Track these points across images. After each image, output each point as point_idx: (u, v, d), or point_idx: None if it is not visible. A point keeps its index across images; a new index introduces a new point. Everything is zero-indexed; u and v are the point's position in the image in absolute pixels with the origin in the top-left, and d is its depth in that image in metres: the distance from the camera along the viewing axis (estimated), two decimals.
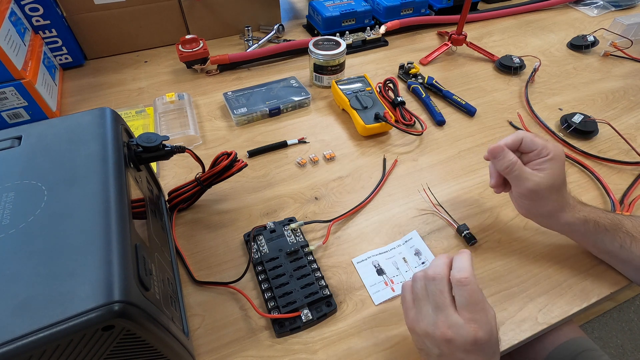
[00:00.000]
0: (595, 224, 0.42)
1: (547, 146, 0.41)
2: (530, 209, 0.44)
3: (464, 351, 0.32)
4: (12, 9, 0.65)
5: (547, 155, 0.41)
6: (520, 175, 0.42)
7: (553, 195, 0.42)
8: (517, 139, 0.42)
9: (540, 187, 0.41)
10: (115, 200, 0.30)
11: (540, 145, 0.41)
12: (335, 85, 0.69)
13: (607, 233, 0.42)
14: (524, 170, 0.42)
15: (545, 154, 0.41)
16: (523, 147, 0.42)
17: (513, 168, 0.42)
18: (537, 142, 0.42)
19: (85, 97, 0.73)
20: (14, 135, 0.35)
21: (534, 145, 0.42)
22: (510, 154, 0.43)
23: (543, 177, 0.41)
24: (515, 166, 0.42)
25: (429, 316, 0.33)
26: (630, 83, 0.77)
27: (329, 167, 0.59)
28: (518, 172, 0.42)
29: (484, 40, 0.90)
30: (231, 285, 0.44)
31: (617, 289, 0.45)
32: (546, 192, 0.42)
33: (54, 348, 0.24)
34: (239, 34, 0.90)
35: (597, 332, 1.18)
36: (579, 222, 0.43)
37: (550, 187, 0.41)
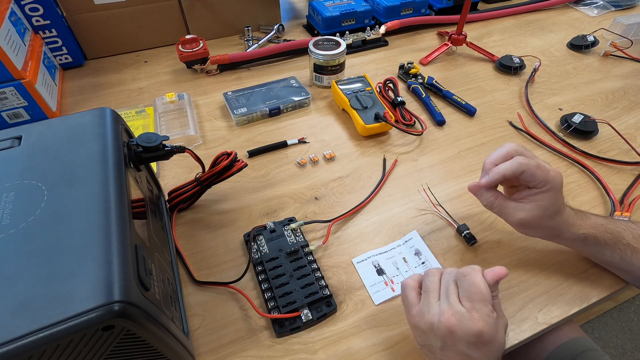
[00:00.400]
0: (594, 239, 0.41)
1: (545, 179, 0.39)
2: (530, 234, 0.44)
3: (466, 343, 0.32)
4: (12, 9, 0.65)
5: (542, 188, 0.40)
6: (501, 212, 0.42)
7: (545, 224, 0.41)
8: (517, 170, 0.39)
9: (527, 221, 0.41)
10: (115, 200, 0.30)
11: (539, 179, 0.39)
12: (335, 85, 0.69)
13: (607, 247, 0.42)
14: (506, 206, 0.42)
15: (541, 186, 0.40)
16: (522, 178, 0.40)
17: (493, 205, 0.42)
18: (537, 175, 0.39)
19: (85, 97, 0.73)
20: (14, 135, 0.35)
21: (533, 179, 0.39)
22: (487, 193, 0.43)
23: (530, 210, 0.40)
24: (494, 203, 0.42)
25: (435, 307, 0.34)
26: (630, 83, 0.77)
27: (329, 167, 0.59)
28: (499, 209, 0.42)
29: (484, 40, 0.90)
30: (231, 285, 0.44)
31: (617, 289, 0.45)
32: (535, 224, 0.41)
33: (54, 348, 0.24)
34: (239, 34, 0.90)
35: (597, 332, 1.18)
36: (578, 240, 0.42)
37: (539, 217, 0.40)
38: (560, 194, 0.40)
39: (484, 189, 0.43)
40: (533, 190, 0.40)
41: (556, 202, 0.40)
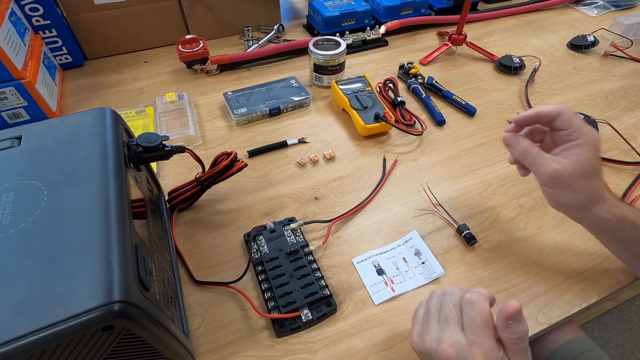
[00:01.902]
0: (633, 224, 0.38)
1: (580, 129, 0.37)
2: (556, 198, 0.40)
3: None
4: (12, 9, 0.65)
5: (576, 139, 0.37)
6: (535, 162, 0.39)
7: (580, 183, 0.37)
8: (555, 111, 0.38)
9: (561, 174, 0.37)
10: (115, 200, 0.30)
11: (574, 125, 0.37)
12: (335, 85, 0.69)
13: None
14: (541, 156, 0.39)
15: (575, 137, 0.37)
16: (557, 123, 0.38)
17: (527, 154, 0.39)
18: (574, 122, 0.37)
19: (85, 97, 0.73)
20: (14, 135, 0.35)
21: (569, 125, 0.37)
22: (523, 141, 0.40)
23: (565, 164, 0.37)
24: (529, 152, 0.39)
25: (435, 331, 0.32)
26: (630, 83, 0.77)
27: (329, 167, 0.59)
28: (533, 158, 0.39)
29: (484, 40, 0.90)
30: (231, 285, 0.44)
31: (617, 289, 0.45)
32: (570, 180, 0.37)
33: (54, 348, 0.24)
34: (239, 34, 0.90)
35: (597, 332, 1.18)
36: (615, 220, 0.38)
37: (574, 174, 0.37)
38: (597, 153, 0.38)
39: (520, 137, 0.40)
40: (567, 144, 0.38)
41: (593, 160, 0.37)
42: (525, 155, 0.40)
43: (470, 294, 0.32)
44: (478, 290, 0.32)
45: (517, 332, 0.29)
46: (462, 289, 0.34)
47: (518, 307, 0.29)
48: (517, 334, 0.29)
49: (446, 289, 0.35)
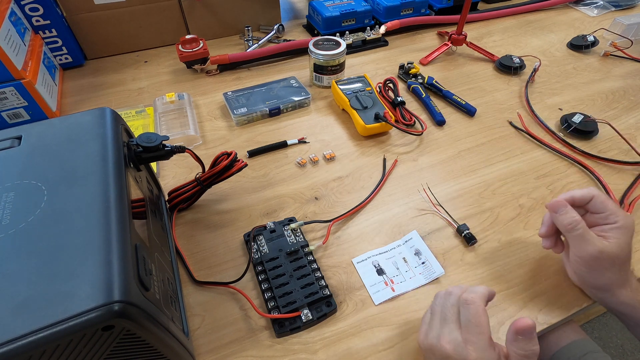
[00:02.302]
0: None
1: (617, 212, 0.38)
2: (587, 277, 0.41)
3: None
4: (12, 9, 0.65)
5: (614, 223, 0.37)
6: (583, 236, 0.38)
7: (615, 267, 0.38)
8: (587, 195, 0.39)
9: (604, 255, 0.37)
10: (115, 200, 0.30)
11: (610, 209, 0.38)
12: (335, 85, 0.69)
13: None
14: (589, 232, 0.38)
15: (613, 220, 0.37)
16: (591, 206, 0.39)
17: (576, 227, 0.38)
18: (609, 205, 0.38)
19: (85, 97, 0.73)
20: (14, 135, 0.35)
21: (603, 208, 0.38)
22: (573, 212, 0.39)
23: (608, 245, 0.37)
24: (579, 225, 0.38)
25: (436, 329, 0.34)
26: (630, 83, 0.77)
27: (329, 167, 0.59)
28: (581, 232, 0.38)
29: (484, 40, 0.90)
30: (231, 285, 0.44)
31: None
32: (608, 263, 0.38)
33: (53, 348, 0.24)
34: (239, 34, 0.90)
35: (597, 332, 1.18)
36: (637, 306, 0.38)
37: (614, 258, 0.37)
38: (630, 240, 0.38)
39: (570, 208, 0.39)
40: (604, 227, 0.38)
41: (629, 244, 0.38)
42: (573, 228, 0.38)
43: (467, 294, 0.33)
44: (474, 290, 0.34)
45: (524, 349, 0.30)
46: (461, 289, 0.35)
47: (529, 325, 0.30)
48: (525, 351, 0.30)
49: (448, 289, 0.36)
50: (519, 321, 0.31)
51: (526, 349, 0.30)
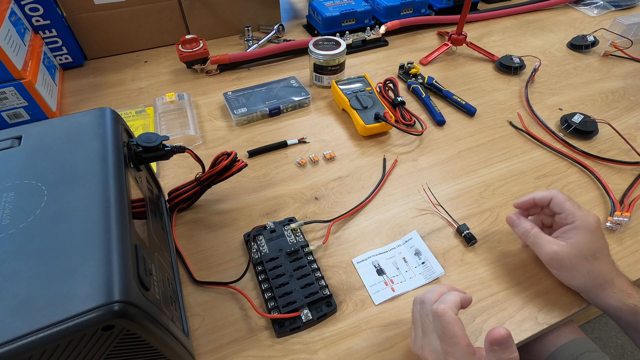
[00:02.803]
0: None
1: (574, 213, 0.39)
2: (560, 278, 0.43)
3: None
4: (12, 9, 0.65)
5: (571, 223, 0.39)
6: (536, 242, 0.42)
7: (581, 267, 0.39)
8: (547, 196, 0.41)
9: (559, 256, 0.39)
10: (115, 200, 0.30)
11: (567, 210, 0.39)
12: (335, 85, 0.69)
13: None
14: (540, 237, 0.41)
15: (571, 220, 0.39)
16: (552, 207, 0.41)
17: (528, 234, 0.42)
18: (566, 206, 0.40)
19: (85, 97, 0.73)
20: (14, 135, 0.35)
21: (561, 209, 0.40)
22: (524, 222, 0.43)
23: (563, 246, 0.39)
24: (530, 232, 0.42)
25: (419, 339, 0.34)
26: (630, 83, 0.77)
27: (329, 167, 0.59)
28: (533, 239, 0.42)
29: (484, 40, 0.90)
30: (231, 285, 0.44)
31: None
32: (569, 263, 0.39)
33: (53, 348, 0.24)
34: (239, 34, 0.90)
35: (597, 332, 1.18)
36: (626, 310, 0.38)
37: (572, 257, 0.39)
38: (597, 238, 0.39)
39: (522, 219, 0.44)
40: (565, 227, 0.40)
41: (592, 243, 0.39)
42: (525, 236, 0.43)
43: (436, 305, 0.33)
44: (445, 299, 0.33)
45: (502, 358, 0.30)
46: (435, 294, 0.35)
47: (503, 335, 0.30)
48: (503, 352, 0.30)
49: (423, 296, 0.36)
50: (493, 331, 0.30)
51: (503, 358, 0.30)
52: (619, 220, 0.51)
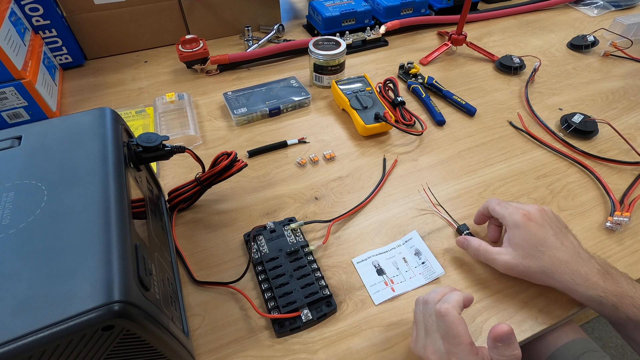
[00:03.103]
0: (614, 309, 0.36)
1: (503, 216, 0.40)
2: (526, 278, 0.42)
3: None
4: (12, 9, 0.65)
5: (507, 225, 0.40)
6: (487, 259, 0.42)
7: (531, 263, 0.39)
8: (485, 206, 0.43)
9: (509, 262, 0.40)
10: (115, 200, 0.30)
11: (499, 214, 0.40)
12: (335, 85, 0.69)
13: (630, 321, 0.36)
14: (490, 252, 0.42)
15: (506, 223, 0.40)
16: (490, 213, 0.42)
17: (478, 254, 0.43)
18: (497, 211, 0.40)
19: (85, 97, 0.73)
20: (14, 135, 0.35)
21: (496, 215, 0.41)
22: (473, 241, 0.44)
23: (509, 252, 0.40)
24: (479, 251, 0.42)
25: (422, 339, 0.34)
26: (630, 83, 0.77)
27: (329, 167, 0.59)
28: (484, 256, 0.42)
29: (484, 40, 0.90)
30: (231, 285, 0.44)
31: None
32: (519, 265, 0.39)
33: (53, 348, 0.24)
34: (239, 34, 0.90)
35: (597, 332, 1.18)
36: (592, 301, 0.37)
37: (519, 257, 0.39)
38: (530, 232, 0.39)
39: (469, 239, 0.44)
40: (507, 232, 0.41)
41: (528, 239, 0.39)
42: (477, 255, 0.43)
43: (439, 304, 0.33)
44: (448, 299, 0.33)
45: (505, 355, 0.30)
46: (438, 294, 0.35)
47: (506, 331, 0.30)
48: (506, 357, 0.30)
49: (426, 296, 0.36)
50: (496, 328, 0.30)
51: (507, 354, 0.30)
52: (619, 220, 0.51)
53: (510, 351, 0.30)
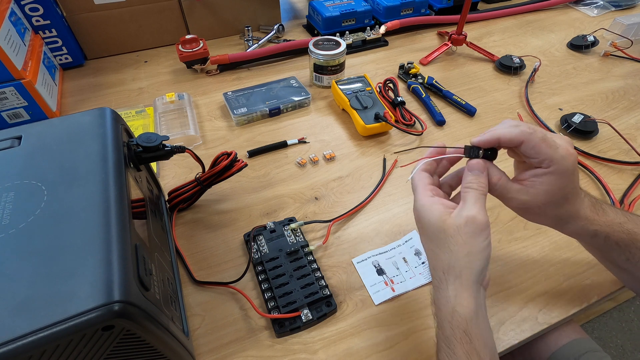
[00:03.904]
0: (605, 238, 0.36)
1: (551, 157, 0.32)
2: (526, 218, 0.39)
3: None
4: (12, 9, 0.65)
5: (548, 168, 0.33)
6: (503, 195, 0.36)
7: (551, 210, 0.35)
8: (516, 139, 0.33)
9: (529, 204, 0.35)
10: (115, 200, 0.30)
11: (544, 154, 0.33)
12: (335, 85, 0.69)
13: (618, 247, 0.37)
14: (509, 189, 0.35)
15: (546, 165, 0.33)
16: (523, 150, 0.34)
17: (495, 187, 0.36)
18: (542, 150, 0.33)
19: (85, 97, 0.73)
20: (14, 135, 0.35)
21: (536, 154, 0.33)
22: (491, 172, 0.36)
23: (534, 195, 0.34)
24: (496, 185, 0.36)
25: None
26: (630, 83, 0.77)
27: (329, 167, 0.59)
28: (500, 191, 0.36)
29: (484, 40, 0.90)
30: (231, 285, 0.44)
31: (617, 288, 0.45)
32: (538, 209, 0.35)
33: (53, 348, 0.24)
34: (239, 34, 0.90)
35: (597, 332, 1.18)
36: (586, 235, 0.37)
37: (542, 204, 0.35)
38: (571, 179, 0.34)
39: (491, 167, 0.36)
40: (537, 170, 0.34)
41: (565, 187, 0.34)
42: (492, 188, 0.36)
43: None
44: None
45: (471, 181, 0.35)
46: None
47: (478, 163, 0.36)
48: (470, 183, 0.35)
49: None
50: (472, 161, 0.36)
51: (472, 181, 0.34)
52: None
53: (476, 182, 0.34)
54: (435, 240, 0.34)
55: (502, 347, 0.40)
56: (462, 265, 0.31)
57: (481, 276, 0.32)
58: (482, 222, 0.32)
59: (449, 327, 0.31)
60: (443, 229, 0.33)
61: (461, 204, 0.34)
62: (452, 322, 0.31)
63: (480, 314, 0.31)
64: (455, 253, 0.32)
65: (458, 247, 0.32)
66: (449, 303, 0.32)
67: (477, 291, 0.32)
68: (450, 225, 0.32)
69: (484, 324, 0.31)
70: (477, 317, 0.31)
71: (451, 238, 0.32)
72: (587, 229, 0.36)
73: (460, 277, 0.31)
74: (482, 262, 0.31)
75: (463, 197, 0.34)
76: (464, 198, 0.34)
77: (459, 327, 0.30)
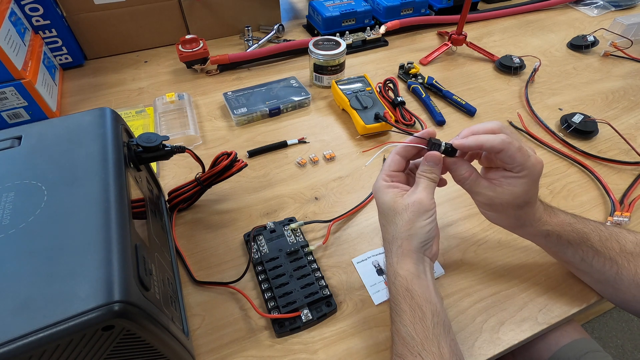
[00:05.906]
0: (557, 237, 0.40)
1: (523, 164, 0.36)
2: (486, 216, 0.42)
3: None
4: (12, 9, 0.65)
5: (517, 173, 0.37)
6: (472, 189, 0.40)
7: (512, 211, 0.39)
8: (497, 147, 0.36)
9: (493, 200, 0.39)
10: (115, 200, 0.30)
11: (517, 162, 0.36)
12: (335, 85, 0.69)
13: (570, 246, 0.40)
14: (478, 184, 0.39)
15: (517, 171, 0.37)
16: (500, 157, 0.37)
17: (465, 181, 0.39)
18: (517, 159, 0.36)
19: (85, 97, 0.73)
20: (14, 135, 0.35)
21: (511, 162, 0.36)
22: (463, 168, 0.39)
23: (500, 193, 0.38)
24: (468, 179, 0.39)
25: None
26: (630, 83, 0.77)
27: (329, 167, 0.59)
28: (469, 185, 0.40)
29: (484, 40, 0.90)
30: (231, 285, 0.44)
31: None
32: (500, 207, 0.39)
33: (53, 348, 0.24)
34: (239, 34, 0.90)
35: (597, 332, 1.18)
36: (540, 235, 0.41)
37: (506, 203, 0.38)
38: (535, 185, 0.38)
39: (460, 162, 0.40)
40: (507, 173, 0.37)
41: (529, 192, 0.37)
42: (463, 182, 0.40)
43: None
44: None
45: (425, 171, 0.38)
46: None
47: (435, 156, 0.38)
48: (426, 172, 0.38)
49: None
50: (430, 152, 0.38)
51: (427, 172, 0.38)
52: (619, 220, 0.51)
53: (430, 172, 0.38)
54: (386, 217, 0.39)
55: (502, 347, 0.40)
56: (404, 237, 0.37)
57: (424, 248, 0.37)
58: (427, 204, 0.37)
59: (393, 288, 0.37)
60: (393, 207, 0.38)
61: (413, 187, 0.39)
62: (395, 282, 0.36)
63: (422, 277, 0.36)
64: (399, 227, 0.37)
65: (403, 223, 0.37)
66: (392, 267, 0.37)
67: (418, 259, 0.37)
68: (400, 204, 0.37)
69: (425, 284, 0.36)
70: (418, 278, 0.36)
71: (399, 215, 0.37)
72: (540, 230, 0.40)
73: (402, 246, 0.37)
74: (422, 236, 0.37)
75: (417, 181, 0.39)
76: (417, 183, 0.39)
77: (402, 286, 0.36)
